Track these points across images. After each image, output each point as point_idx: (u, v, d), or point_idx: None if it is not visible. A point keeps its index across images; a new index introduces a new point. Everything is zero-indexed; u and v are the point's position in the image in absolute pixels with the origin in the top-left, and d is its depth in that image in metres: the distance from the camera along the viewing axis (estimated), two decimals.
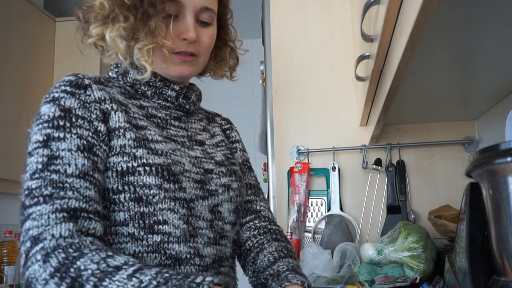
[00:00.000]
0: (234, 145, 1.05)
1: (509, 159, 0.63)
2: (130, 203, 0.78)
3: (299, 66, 1.65)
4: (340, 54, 1.64)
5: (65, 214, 0.68)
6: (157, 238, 0.78)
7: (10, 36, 2.38)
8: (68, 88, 0.78)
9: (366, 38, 0.91)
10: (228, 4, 1.00)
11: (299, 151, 1.58)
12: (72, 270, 0.63)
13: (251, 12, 2.73)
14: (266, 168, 1.69)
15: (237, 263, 1.00)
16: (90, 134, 0.77)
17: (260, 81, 1.85)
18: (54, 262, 0.64)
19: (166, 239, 0.78)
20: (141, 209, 0.78)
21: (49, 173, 0.71)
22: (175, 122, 0.91)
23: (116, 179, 0.78)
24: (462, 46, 0.86)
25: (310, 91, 1.63)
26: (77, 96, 0.78)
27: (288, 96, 1.64)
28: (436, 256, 1.19)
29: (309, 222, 1.53)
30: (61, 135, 0.74)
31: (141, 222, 0.78)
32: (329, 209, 1.53)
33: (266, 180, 1.67)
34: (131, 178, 0.78)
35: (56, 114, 0.76)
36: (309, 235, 1.51)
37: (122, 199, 0.78)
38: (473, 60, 0.93)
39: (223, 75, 1.03)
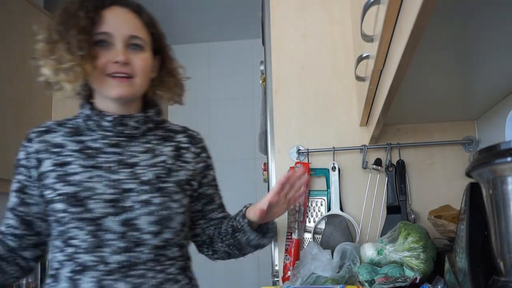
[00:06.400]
0: (184, 164, 1.14)
1: (509, 159, 0.63)
2: (54, 224, 1.04)
3: (299, 66, 1.65)
4: (340, 54, 1.64)
5: None
6: (71, 249, 1.01)
7: (10, 36, 2.38)
8: (24, 142, 1.10)
9: (366, 38, 0.91)
10: (162, 36, 1.15)
11: (299, 151, 1.58)
12: None
13: (251, 12, 2.73)
14: (266, 168, 1.69)
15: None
16: (26, 178, 1.09)
17: (260, 81, 1.85)
18: None
19: (76, 250, 1.01)
20: (60, 228, 1.03)
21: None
22: (110, 149, 1.07)
23: (46, 207, 1.06)
24: (462, 46, 0.86)
25: (310, 91, 1.63)
26: (25, 148, 1.10)
27: (288, 96, 1.64)
28: (436, 256, 1.19)
29: (309, 222, 1.53)
30: (13, 178, 1.11)
31: (61, 237, 1.03)
32: (329, 209, 1.53)
33: (266, 180, 1.67)
34: (52, 205, 1.03)
35: (15, 162, 1.12)
36: (309, 235, 1.51)
37: (51, 221, 1.05)
38: (473, 60, 0.93)
39: (172, 101, 1.19)
